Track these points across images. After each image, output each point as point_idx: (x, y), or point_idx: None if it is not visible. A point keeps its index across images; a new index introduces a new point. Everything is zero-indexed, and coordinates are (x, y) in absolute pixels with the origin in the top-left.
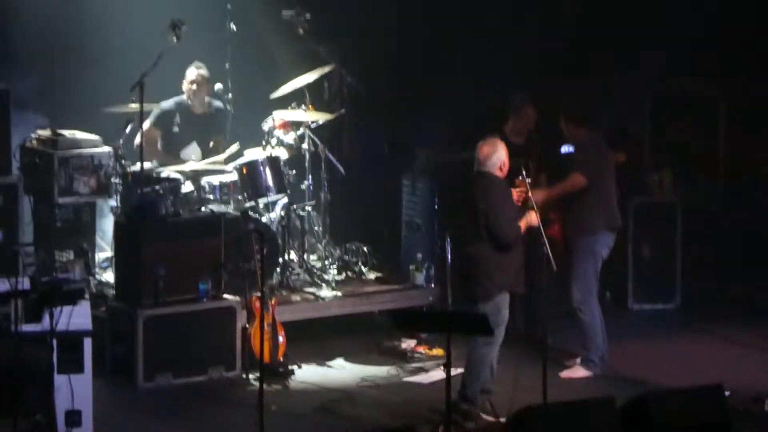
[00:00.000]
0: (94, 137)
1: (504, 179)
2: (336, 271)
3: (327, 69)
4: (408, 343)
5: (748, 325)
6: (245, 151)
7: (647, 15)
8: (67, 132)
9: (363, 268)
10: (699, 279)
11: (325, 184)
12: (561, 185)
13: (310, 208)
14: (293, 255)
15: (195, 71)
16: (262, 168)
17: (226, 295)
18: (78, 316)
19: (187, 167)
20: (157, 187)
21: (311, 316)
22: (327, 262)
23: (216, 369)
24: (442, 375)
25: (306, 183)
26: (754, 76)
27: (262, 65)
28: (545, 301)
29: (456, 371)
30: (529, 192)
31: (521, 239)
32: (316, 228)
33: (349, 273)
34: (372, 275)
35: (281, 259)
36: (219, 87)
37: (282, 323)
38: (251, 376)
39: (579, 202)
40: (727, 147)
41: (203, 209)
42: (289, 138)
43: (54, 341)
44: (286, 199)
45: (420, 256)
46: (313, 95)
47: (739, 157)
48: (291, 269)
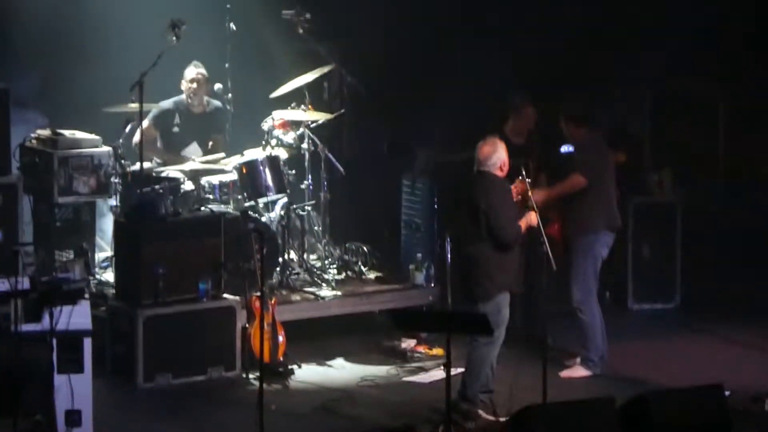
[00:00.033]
0: (93, 137)
1: (504, 179)
2: (336, 271)
3: (327, 69)
4: (408, 343)
5: (747, 325)
6: (245, 151)
7: (647, 15)
8: (67, 132)
9: (363, 267)
10: (699, 279)
11: (325, 183)
12: (561, 185)
13: (309, 207)
14: (293, 255)
15: (194, 70)
16: (261, 168)
17: (225, 295)
18: (78, 315)
19: (187, 167)
20: (157, 187)
21: (311, 315)
22: (327, 261)
23: (216, 369)
24: (442, 374)
25: (306, 183)
26: (754, 76)
27: (261, 65)
28: (545, 301)
29: (456, 371)
30: (529, 192)
31: (521, 239)
32: (315, 228)
33: (349, 273)
34: (372, 275)
35: (281, 259)
36: (219, 87)
37: (282, 323)
38: (251, 375)
39: (579, 202)
40: (727, 147)
41: (203, 209)
42: (289, 138)
43: (54, 341)
44: (285, 199)
45: (420, 255)
46: (313, 95)
47: (739, 157)
48: (291, 269)
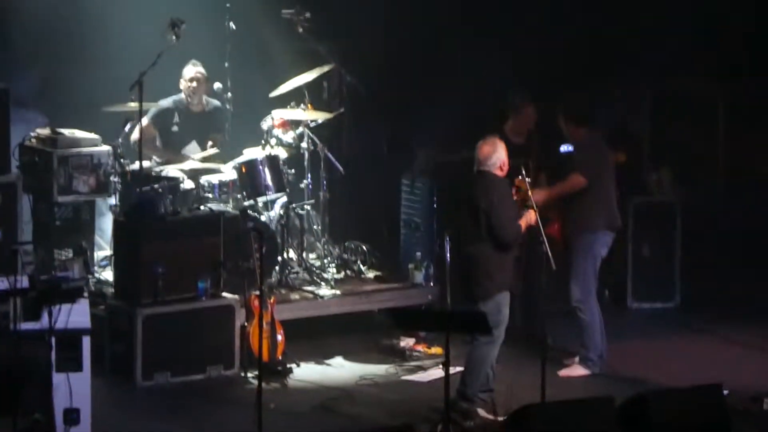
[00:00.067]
0: (93, 136)
1: (504, 179)
2: (335, 270)
3: (326, 68)
4: (407, 342)
5: (747, 325)
6: (245, 150)
7: (647, 15)
8: (67, 131)
9: (362, 266)
10: (698, 278)
11: (324, 182)
12: (561, 185)
13: (309, 206)
14: (292, 254)
15: (193, 69)
16: (261, 167)
17: (225, 294)
18: (77, 314)
19: (187, 166)
20: (156, 186)
21: (310, 314)
22: (326, 260)
23: (215, 367)
24: (440, 373)
25: (305, 182)
26: (754, 76)
27: (261, 64)
28: (544, 300)
29: (455, 369)
30: (529, 191)
31: (521, 238)
32: (315, 227)
33: (348, 272)
34: (371, 274)
35: (280, 258)
36: (218, 86)
37: (281, 322)
38: (250, 374)
39: (579, 201)
40: (727, 147)
41: (202, 208)
42: (289, 137)
43: (53, 339)
44: (285, 198)
45: (419, 254)
46: (313, 94)
47: (739, 157)
48: (290, 268)
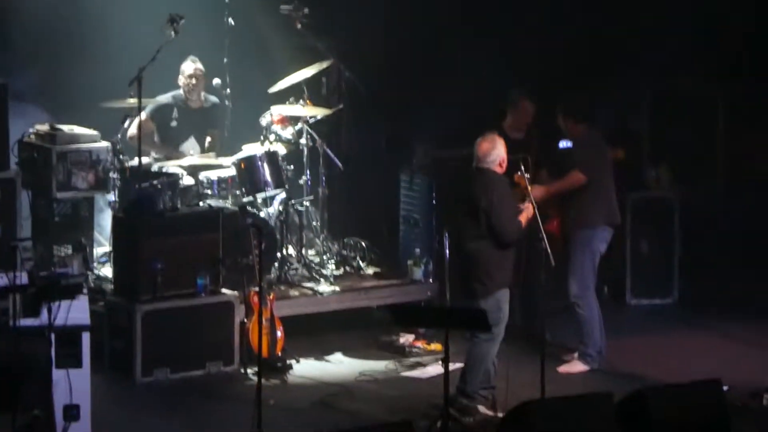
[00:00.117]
0: (92, 132)
1: (503, 176)
2: (334, 266)
3: (325, 64)
4: (406, 338)
5: (745, 321)
6: (244, 146)
7: (647, 15)
8: (66, 127)
9: (361, 263)
10: (697, 276)
11: (323, 179)
12: (560, 182)
13: (308, 203)
14: (291, 250)
15: (192, 66)
16: (260, 163)
17: (224, 290)
18: (76, 310)
19: (186, 162)
20: (155, 182)
21: (309, 310)
22: (325, 257)
23: (214, 364)
24: (440, 370)
25: (304, 178)
26: (754, 76)
27: (260, 60)
28: (544, 297)
29: (454, 366)
30: (528, 188)
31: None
32: (314, 223)
33: (348, 268)
34: (370, 270)
35: (279, 254)
36: (217, 82)
37: (280, 318)
38: (249, 370)
39: (578, 198)
40: (727, 147)
41: (201, 204)
42: (287, 133)
43: (52, 336)
44: (284, 194)
45: (418, 251)
46: (311, 90)
47: (739, 157)
48: (289, 264)
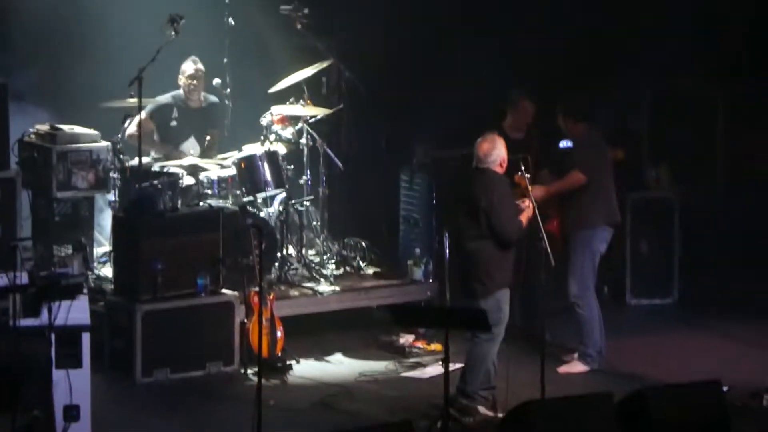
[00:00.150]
0: (92, 132)
1: (504, 176)
2: (334, 266)
3: (325, 64)
4: (406, 338)
5: (745, 321)
6: (244, 146)
7: (647, 15)
8: (66, 127)
9: (361, 263)
10: (697, 276)
11: (324, 179)
12: (560, 183)
13: (308, 203)
14: (291, 250)
15: (193, 66)
16: (260, 163)
17: (224, 290)
18: (76, 310)
19: (186, 162)
20: (156, 182)
21: (309, 311)
22: (325, 257)
23: (214, 364)
24: (440, 370)
25: (304, 178)
26: (754, 76)
27: (260, 60)
28: (544, 297)
29: (454, 366)
30: (529, 188)
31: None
32: (314, 223)
33: (348, 268)
34: (370, 270)
35: (279, 254)
36: (217, 82)
37: (280, 318)
38: (249, 371)
39: (578, 198)
40: (727, 147)
41: (201, 204)
42: (288, 133)
43: (52, 336)
44: (284, 194)
45: (418, 251)
46: (312, 90)
47: (739, 157)
48: (289, 264)
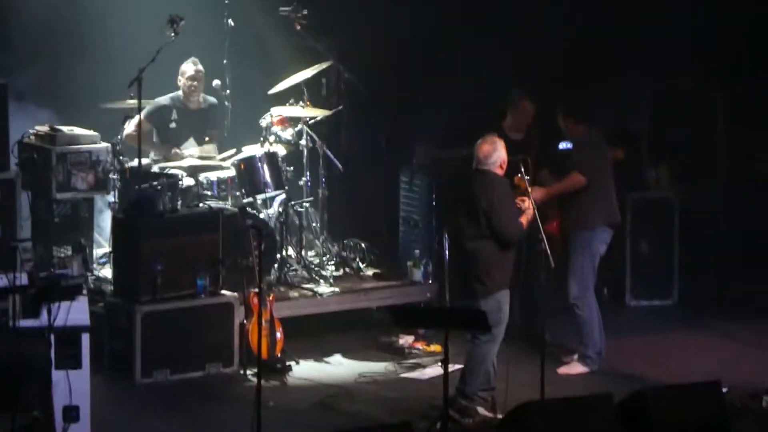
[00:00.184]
0: (92, 133)
1: (504, 177)
2: (334, 267)
3: (325, 65)
4: (406, 339)
5: (745, 321)
6: (244, 148)
7: (647, 15)
8: (66, 128)
9: (361, 264)
10: (697, 277)
11: (323, 180)
12: (560, 184)
13: (308, 204)
14: (291, 251)
15: (192, 67)
16: (260, 164)
17: (223, 291)
18: (76, 311)
19: (185, 163)
20: (155, 183)
21: (309, 312)
22: (325, 258)
23: (213, 365)
24: (439, 371)
25: (304, 179)
26: (754, 76)
27: (259, 61)
28: (543, 298)
29: (454, 367)
30: (528, 189)
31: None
32: (313, 224)
33: (347, 269)
34: (370, 271)
35: (279, 255)
36: (217, 83)
37: (280, 319)
38: (249, 372)
39: (578, 199)
40: (727, 147)
41: (201, 205)
42: (287, 134)
43: (52, 337)
44: (284, 195)
45: (418, 252)
46: (311, 91)
47: (739, 157)
48: (289, 265)
